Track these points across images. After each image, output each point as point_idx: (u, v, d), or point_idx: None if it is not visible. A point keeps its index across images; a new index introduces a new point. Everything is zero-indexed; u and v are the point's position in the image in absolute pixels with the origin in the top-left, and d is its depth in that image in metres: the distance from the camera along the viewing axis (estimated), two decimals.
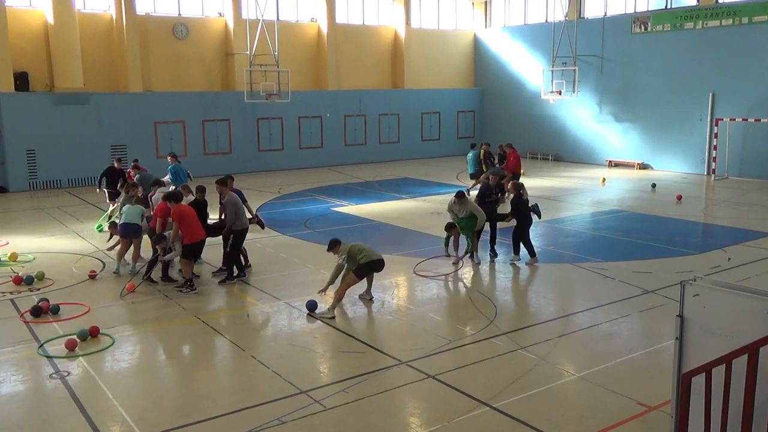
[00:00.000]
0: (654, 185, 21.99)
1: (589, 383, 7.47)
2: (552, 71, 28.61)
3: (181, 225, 10.63)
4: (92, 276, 11.82)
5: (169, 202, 10.88)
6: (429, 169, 26.96)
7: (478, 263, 12.56)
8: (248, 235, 14.39)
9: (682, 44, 25.00)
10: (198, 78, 26.21)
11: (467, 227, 12.44)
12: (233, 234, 11.27)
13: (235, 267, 11.57)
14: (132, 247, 12.04)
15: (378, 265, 10.20)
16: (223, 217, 11.93)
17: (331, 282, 10.11)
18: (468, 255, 12.69)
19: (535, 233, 14.39)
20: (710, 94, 24.22)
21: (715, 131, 24.05)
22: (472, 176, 20.12)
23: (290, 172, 26.68)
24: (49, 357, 8.31)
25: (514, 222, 12.82)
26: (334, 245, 10.18)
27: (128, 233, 11.89)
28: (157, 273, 11.34)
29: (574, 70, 27.79)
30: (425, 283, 11.59)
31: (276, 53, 25.76)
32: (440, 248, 13.08)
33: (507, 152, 19.06)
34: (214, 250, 12.26)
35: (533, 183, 21.61)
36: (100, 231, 15.39)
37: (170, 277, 11.33)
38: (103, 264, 12.68)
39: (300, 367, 8.01)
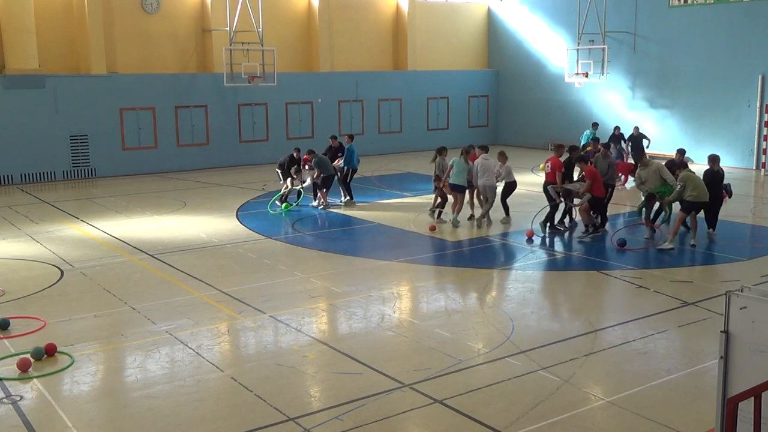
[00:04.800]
0: None
1: (620, 409, 7.47)
2: (578, 50, 28.62)
3: (594, 181, 14.39)
4: (433, 229, 15.57)
5: (580, 163, 14.80)
6: None
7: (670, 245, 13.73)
8: (229, 240, 14.47)
9: (727, 19, 25.00)
10: (170, 58, 26.22)
11: (666, 195, 13.97)
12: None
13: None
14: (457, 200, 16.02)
15: (700, 206, 13.56)
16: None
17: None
18: (663, 223, 14.60)
19: (551, 236, 15.20)
20: (760, 77, 24.22)
21: (765, 119, 24.07)
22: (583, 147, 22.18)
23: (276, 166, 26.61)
24: None
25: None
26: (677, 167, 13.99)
27: (455, 190, 15.88)
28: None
29: (603, 49, 27.79)
30: (431, 293, 11.63)
31: (260, 29, 25.77)
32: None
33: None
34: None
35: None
36: (274, 212, 17.80)
37: (556, 226, 15.25)
38: (61, 272, 12.70)
39: (287, 390, 8.01)
